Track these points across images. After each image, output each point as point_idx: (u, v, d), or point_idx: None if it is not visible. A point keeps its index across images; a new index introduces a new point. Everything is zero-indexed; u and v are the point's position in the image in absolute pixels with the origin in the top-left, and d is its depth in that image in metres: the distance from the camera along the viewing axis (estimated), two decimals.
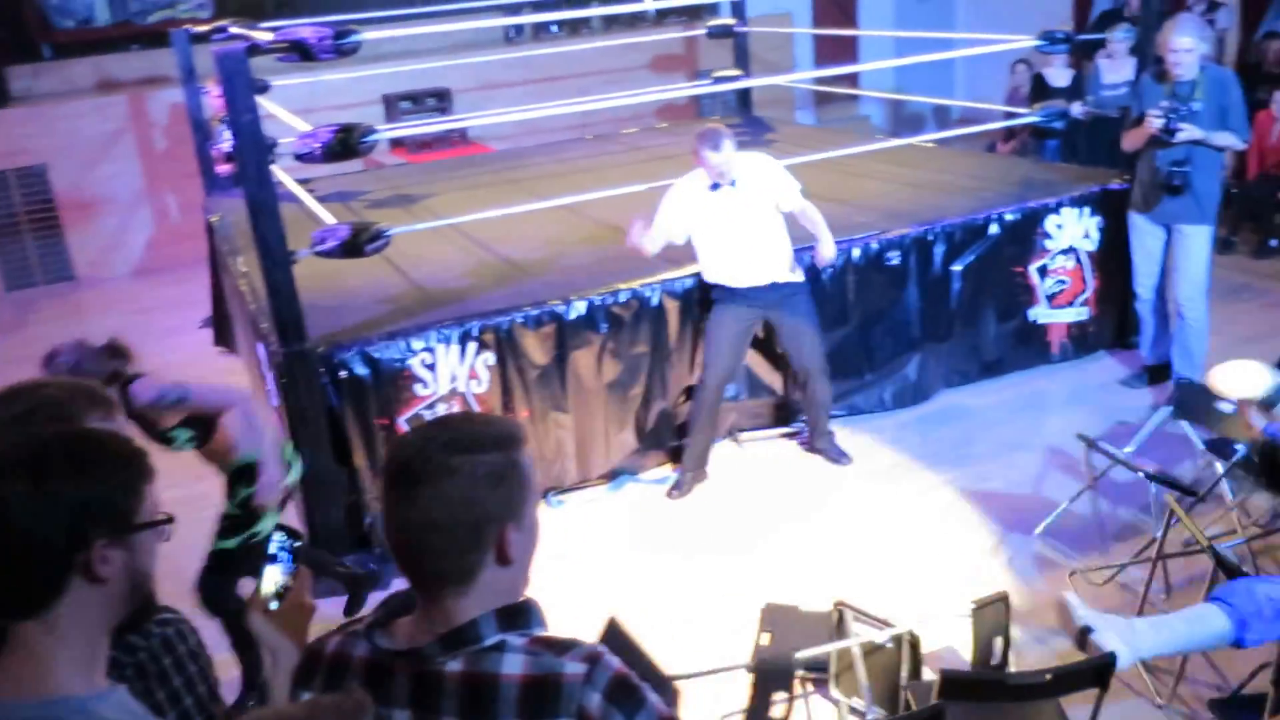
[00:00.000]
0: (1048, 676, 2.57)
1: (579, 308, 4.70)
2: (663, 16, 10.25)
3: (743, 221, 4.62)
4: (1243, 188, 7.52)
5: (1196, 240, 5.19)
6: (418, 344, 4.46)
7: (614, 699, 1.39)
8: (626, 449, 4.98)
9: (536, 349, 4.66)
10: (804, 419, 5.18)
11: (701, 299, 4.90)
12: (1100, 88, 6.90)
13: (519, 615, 1.44)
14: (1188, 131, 4.91)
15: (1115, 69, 6.84)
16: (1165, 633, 2.94)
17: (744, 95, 9.09)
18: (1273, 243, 7.51)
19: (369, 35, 4.61)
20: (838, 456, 5.04)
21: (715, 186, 4.59)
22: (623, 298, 4.78)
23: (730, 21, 8.51)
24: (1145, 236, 5.35)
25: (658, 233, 4.68)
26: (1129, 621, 2.99)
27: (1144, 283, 5.45)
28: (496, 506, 1.40)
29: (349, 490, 4.46)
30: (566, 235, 5.79)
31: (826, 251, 4.72)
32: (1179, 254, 5.25)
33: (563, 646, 1.42)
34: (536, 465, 4.62)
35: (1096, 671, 2.65)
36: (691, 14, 10.03)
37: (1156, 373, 5.54)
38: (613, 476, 4.99)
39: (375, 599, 3.94)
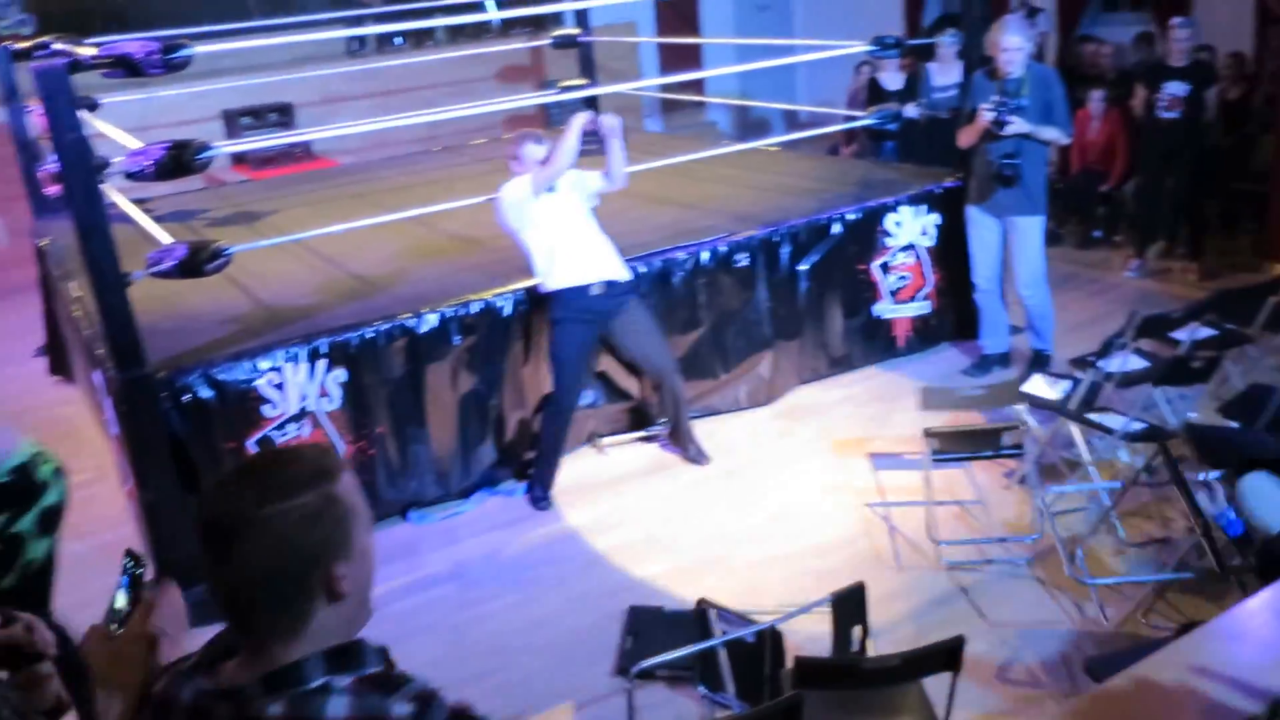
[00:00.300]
0: (899, 660, 2.65)
1: (431, 320, 4.64)
2: (508, 27, 10.23)
3: (573, 219, 4.69)
4: (1066, 182, 7.94)
5: (1030, 230, 5.48)
6: (264, 364, 4.33)
7: None
8: (487, 461, 4.94)
9: (389, 363, 4.59)
10: (663, 421, 5.22)
11: (544, 314, 4.83)
12: (932, 90, 7.19)
13: (347, 655, 1.37)
14: (1017, 124, 5.19)
15: (944, 72, 7.14)
16: None
17: (591, 104, 9.13)
18: (1096, 234, 7.97)
19: (205, 49, 4.46)
20: (697, 456, 5.10)
21: (539, 191, 4.60)
22: (475, 309, 4.74)
23: (575, 31, 8.55)
24: (982, 229, 5.61)
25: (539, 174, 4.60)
26: None
27: (982, 273, 5.70)
28: (318, 548, 1.33)
29: (199, 518, 4.28)
30: (416, 248, 5.71)
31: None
32: (1015, 245, 5.54)
33: (392, 686, 1.35)
34: (394, 483, 4.60)
35: (947, 654, 2.75)
36: (536, 24, 10.05)
37: (995, 362, 5.81)
38: (474, 489, 4.94)
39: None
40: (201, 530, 1.36)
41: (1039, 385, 4.65)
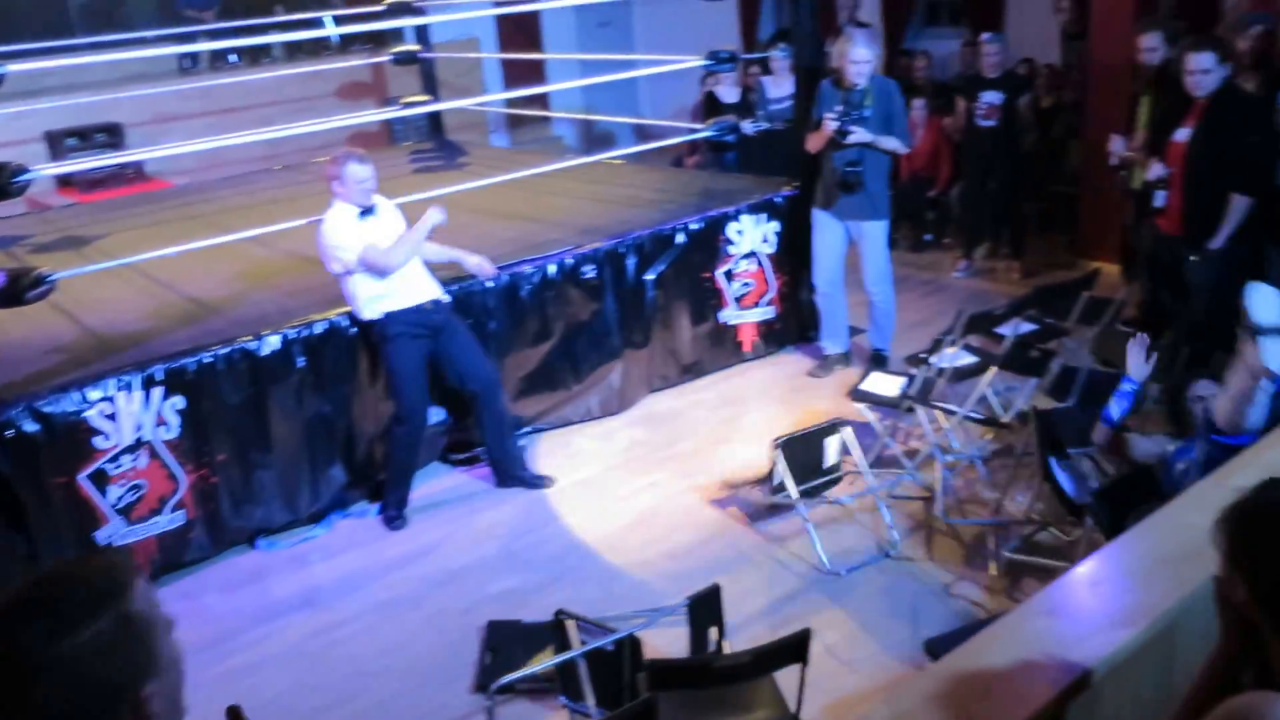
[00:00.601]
0: (749, 657, 2.72)
1: (272, 343, 4.53)
2: (347, 44, 10.05)
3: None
4: (897, 189, 8.27)
5: (875, 234, 5.74)
6: (95, 394, 4.15)
7: None
8: (338, 483, 4.84)
9: (230, 388, 4.46)
10: (483, 449, 5.14)
11: (374, 337, 4.69)
12: (768, 102, 7.41)
13: None
14: (858, 134, 5.43)
15: (778, 85, 7.37)
16: None
17: (435, 120, 9.08)
18: (927, 237, 8.35)
19: (23, 68, 4.26)
20: (535, 482, 5.04)
21: (365, 213, 4.53)
22: (319, 329, 4.65)
23: (415, 48, 8.48)
24: (827, 232, 5.82)
25: (371, 253, 4.47)
26: None
27: (823, 276, 5.91)
28: (121, 676, 1.22)
29: (28, 556, 4.08)
30: (256, 269, 5.57)
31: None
32: (862, 247, 5.79)
33: None
34: (239, 510, 4.46)
35: (795, 647, 2.83)
36: (376, 41, 9.89)
37: (836, 362, 6.03)
38: (325, 513, 4.84)
39: None
40: None
41: (876, 383, 4.85)
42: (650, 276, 5.67)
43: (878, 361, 5.81)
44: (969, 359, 4.89)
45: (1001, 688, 1.96)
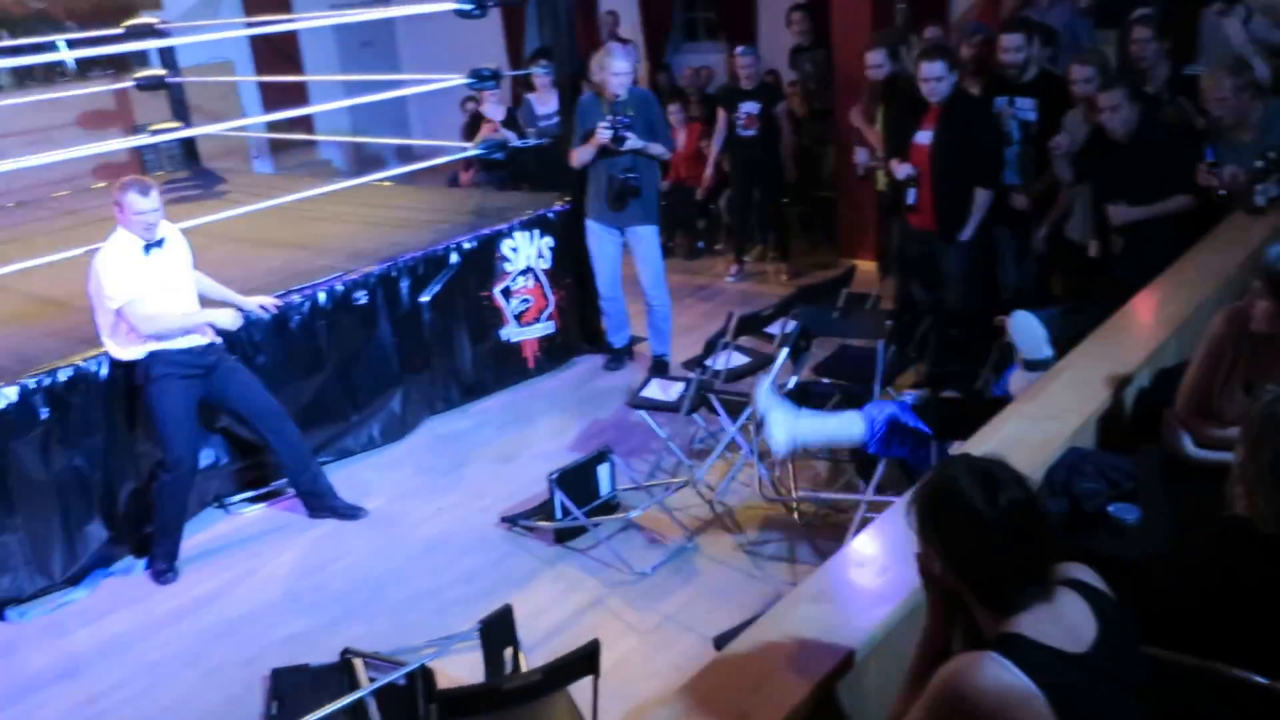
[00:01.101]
0: (539, 675, 2.70)
1: (9, 394, 4.16)
2: (85, 69, 9.42)
3: (180, 280, 4.40)
4: (665, 197, 8.47)
5: (649, 238, 5.92)
6: None
7: None
8: (97, 541, 4.50)
9: None
10: (286, 480, 4.97)
11: (135, 377, 4.38)
12: (537, 119, 7.43)
13: None
14: (632, 140, 5.58)
15: (544, 101, 7.41)
16: (821, 425, 3.88)
17: (190, 148, 8.65)
18: (700, 245, 8.58)
19: None
20: (349, 512, 4.87)
21: (149, 248, 4.25)
22: (64, 376, 4.31)
23: (161, 72, 8.04)
24: (603, 241, 5.95)
25: (132, 312, 4.15)
26: (798, 411, 3.85)
27: (604, 281, 6.05)
28: None
29: None
30: None
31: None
32: (637, 253, 5.96)
33: None
34: None
35: (586, 659, 2.83)
36: (119, 66, 9.33)
37: (625, 354, 6.25)
38: (85, 574, 4.48)
39: None
40: None
41: (654, 390, 4.93)
42: (425, 298, 5.57)
43: (659, 368, 5.92)
44: (741, 359, 5.05)
45: (772, 677, 2.02)
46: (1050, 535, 1.79)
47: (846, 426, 3.86)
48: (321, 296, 5.15)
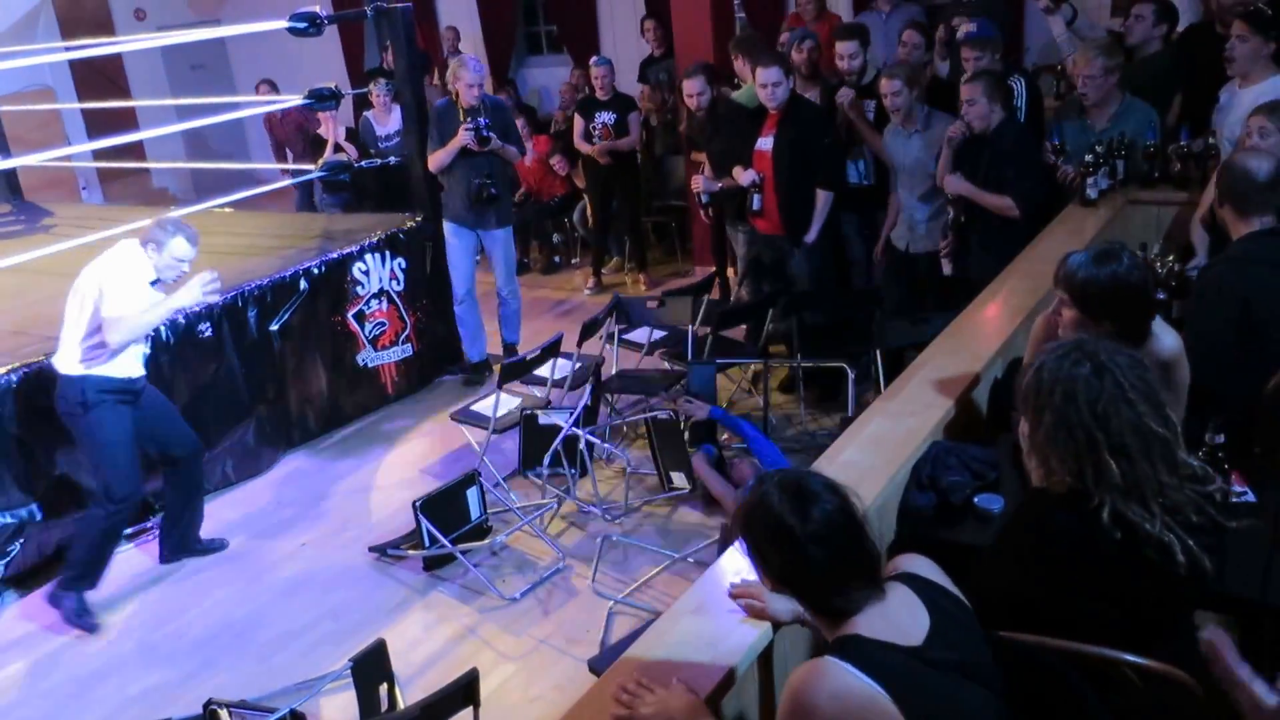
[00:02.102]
0: (417, 710, 2.62)
1: None
2: None
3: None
4: (519, 209, 8.41)
5: (503, 239, 6.16)
6: None
7: None
8: None
9: None
10: (159, 518, 4.77)
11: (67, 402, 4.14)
12: (377, 139, 7.29)
13: None
14: (495, 140, 5.74)
15: (383, 121, 7.27)
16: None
17: (11, 180, 8.15)
18: (556, 260, 8.56)
19: None
20: (211, 545, 4.74)
21: (156, 283, 4.16)
22: None
23: None
24: (460, 243, 6.08)
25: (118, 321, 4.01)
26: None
27: (462, 284, 6.16)
28: None
29: None
30: None
31: None
32: (494, 253, 6.16)
33: None
34: None
35: (464, 690, 2.77)
36: None
37: (485, 367, 6.23)
38: None
39: None
40: None
41: (486, 405, 4.93)
42: (275, 327, 5.38)
43: (509, 351, 6.15)
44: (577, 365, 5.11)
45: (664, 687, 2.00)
46: (868, 539, 1.82)
47: None
48: (163, 331, 4.90)
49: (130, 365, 4.22)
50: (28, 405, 4.43)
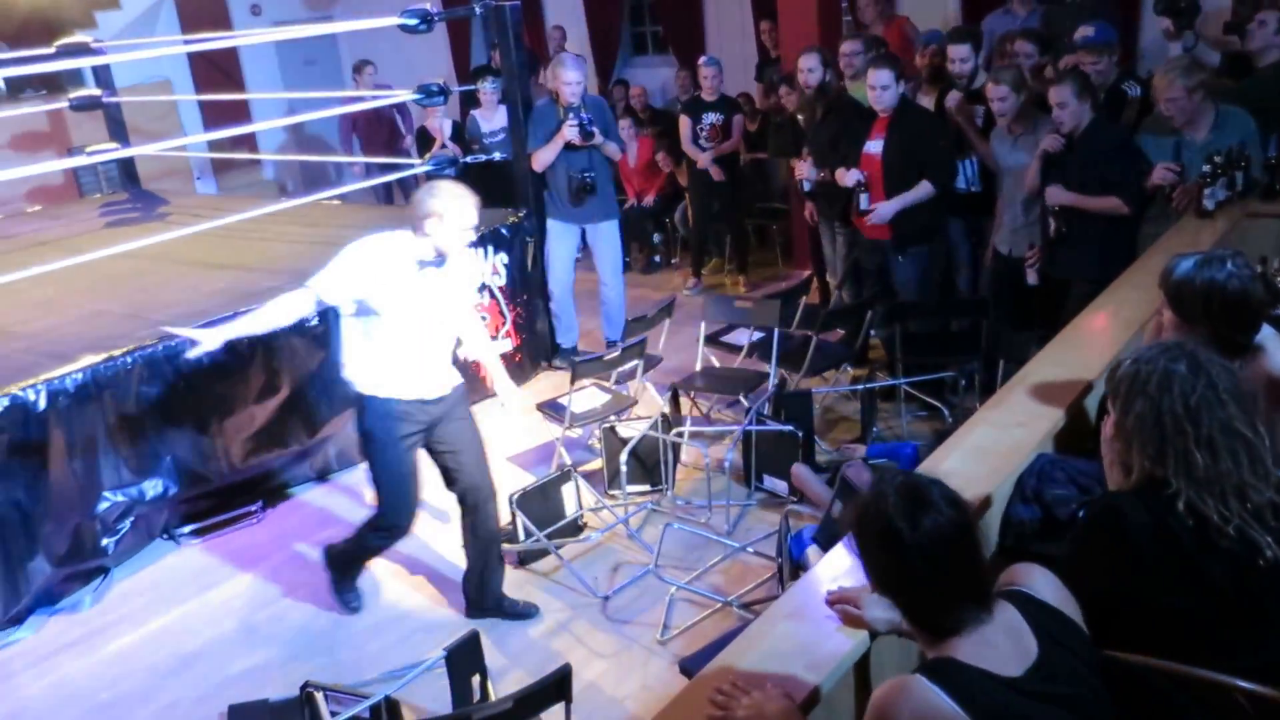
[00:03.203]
0: (510, 703, 2.62)
1: None
2: (16, 90, 9.18)
3: (445, 315, 3.77)
4: (622, 212, 8.43)
5: (608, 232, 6.28)
6: None
7: None
8: (40, 578, 4.31)
9: None
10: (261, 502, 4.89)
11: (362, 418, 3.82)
12: (482, 136, 7.36)
13: None
14: (597, 135, 5.87)
15: (488, 118, 7.33)
16: None
17: (129, 169, 8.45)
18: (656, 259, 8.55)
19: None
20: (521, 612, 4.08)
21: (430, 263, 3.61)
22: (0, 406, 4.14)
23: (96, 92, 7.83)
24: (562, 239, 6.21)
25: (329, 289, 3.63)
26: None
27: (560, 279, 6.28)
28: None
29: None
30: None
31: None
32: (597, 246, 6.26)
33: None
34: None
35: (557, 685, 2.76)
36: (52, 86, 9.10)
37: (572, 353, 6.32)
38: (28, 613, 4.30)
39: None
40: None
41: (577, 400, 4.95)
42: None
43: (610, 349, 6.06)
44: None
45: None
46: (980, 559, 1.75)
47: None
48: None
49: (415, 382, 3.75)
50: (140, 388, 4.56)
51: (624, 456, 4.70)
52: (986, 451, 2.91)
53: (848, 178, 5.31)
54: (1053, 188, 4.65)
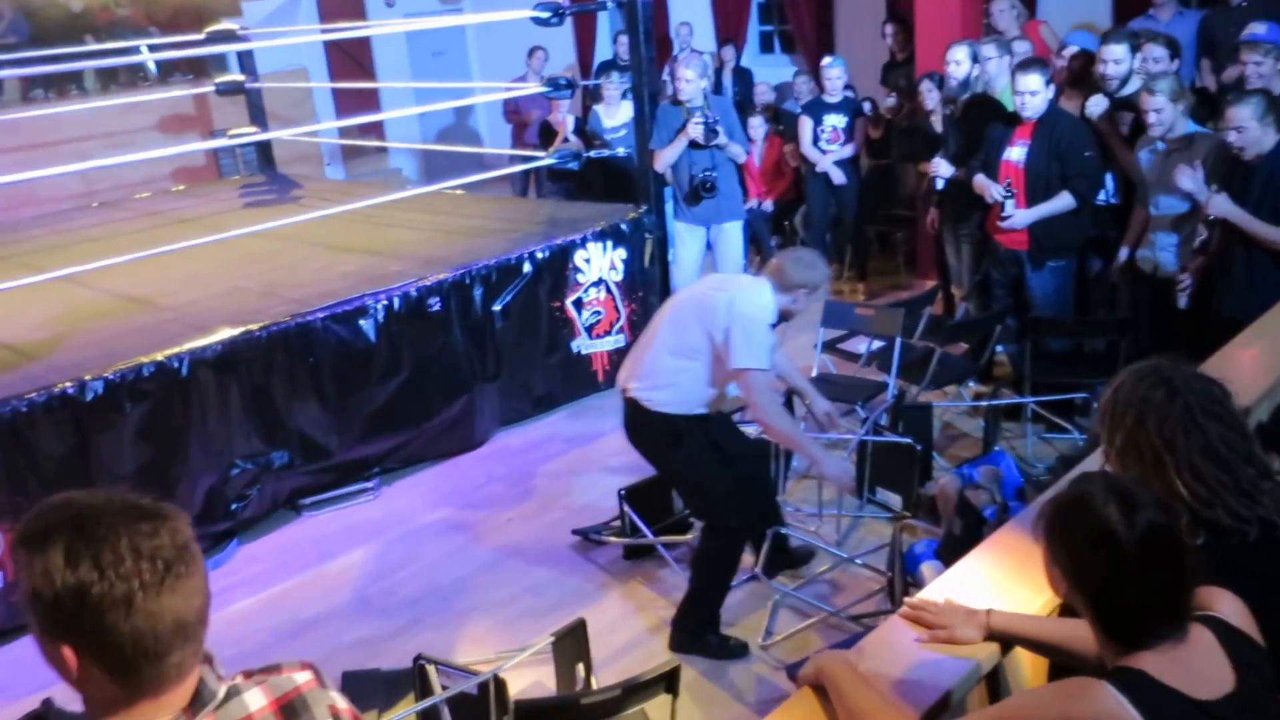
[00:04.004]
0: (618, 691, 2.65)
1: (96, 388, 4.22)
2: (166, 74, 9.61)
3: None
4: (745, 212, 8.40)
5: (733, 233, 6.25)
6: None
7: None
8: None
9: (48, 439, 4.12)
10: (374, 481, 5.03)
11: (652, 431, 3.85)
12: (603, 132, 7.42)
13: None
14: (721, 135, 5.84)
15: (611, 114, 7.39)
16: None
17: (266, 153, 8.76)
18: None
19: None
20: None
21: (775, 322, 3.78)
22: (147, 372, 4.35)
23: (240, 78, 8.15)
24: (688, 240, 6.23)
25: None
26: None
27: (684, 280, 6.18)
28: None
29: None
30: (75, 311, 5.19)
31: None
32: (720, 247, 6.25)
33: (273, 668, 1.44)
34: None
35: (665, 678, 2.78)
36: (198, 71, 9.50)
37: None
38: None
39: None
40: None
41: None
42: (498, 307, 5.56)
43: None
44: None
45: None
46: (1188, 569, 1.66)
47: None
48: (395, 301, 5.15)
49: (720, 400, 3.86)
50: (272, 361, 4.75)
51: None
52: None
53: (991, 191, 5.17)
54: (1219, 197, 4.29)
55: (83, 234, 6.98)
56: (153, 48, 8.31)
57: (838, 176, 7.28)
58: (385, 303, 5.11)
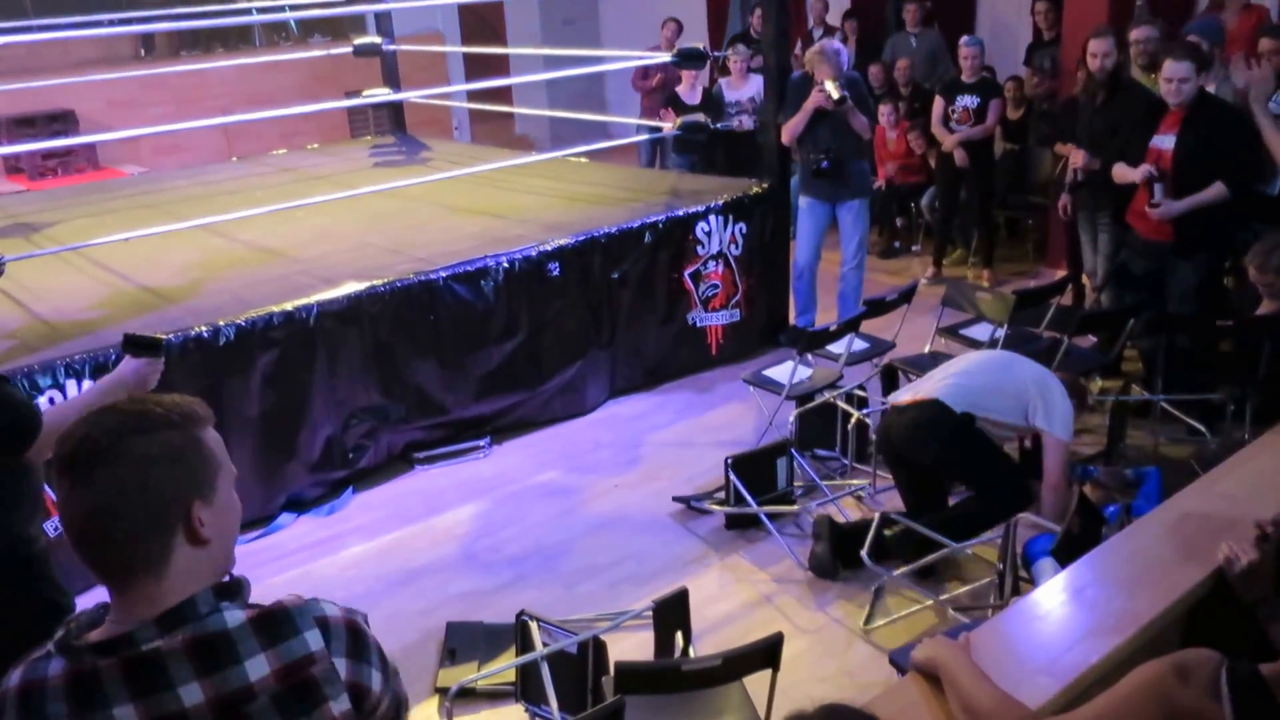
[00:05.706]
0: (719, 661, 2.65)
1: (228, 334, 4.39)
2: (306, 33, 9.88)
3: None
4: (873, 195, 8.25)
5: (857, 210, 6.15)
6: (44, 381, 3.99)
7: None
8: (293, 481, 4.70)
9: (182, 380, 4.29)
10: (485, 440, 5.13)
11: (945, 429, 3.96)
12: (727, 105, 7.36)
13: (233, 590, 1.39)
14: (849, 102, 5.74)
15: (736, 88, 7.31)
16: None
17: (398, 114, 8.95)
18: (896, 244, 8.34)
19: None
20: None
21: None
22: (277, 320, 4.51)
23: (377, 40, 8.31)
24: (810, 216, 6.15)
25: None
26: None
27: (805, 256, 6.20)
28: (178, 485, 1.33)
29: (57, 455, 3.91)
30: (212, 260, 5.41)
31: None
32: (843, 225, 6.14)
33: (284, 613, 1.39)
34: None
35: (767, 651, 2.76)
36: (336, 33, 9.74)
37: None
38: (280, 511, 4.69)
39: None
40: (58, 463, 1.32)
41: (781, 371, 4.96)
42: (615, 275, 5.58)
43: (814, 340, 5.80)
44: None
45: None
46: None
47: None
48: (517, 264, 5.21)
49: None
50: (395, 317, 4.86)
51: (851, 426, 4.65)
52: (1271, 476, 2.70)
53: (1136, 173, 4.97)
54: None
55: (221, 186, 7.25)
56: (295, 7, 8.54)
57: (961, 158, 7.08)
58: (506, 265, 5.17)
